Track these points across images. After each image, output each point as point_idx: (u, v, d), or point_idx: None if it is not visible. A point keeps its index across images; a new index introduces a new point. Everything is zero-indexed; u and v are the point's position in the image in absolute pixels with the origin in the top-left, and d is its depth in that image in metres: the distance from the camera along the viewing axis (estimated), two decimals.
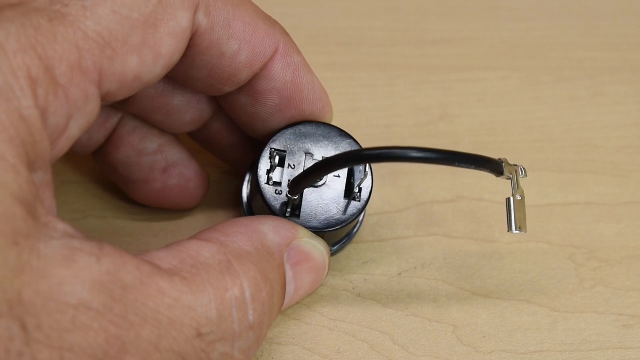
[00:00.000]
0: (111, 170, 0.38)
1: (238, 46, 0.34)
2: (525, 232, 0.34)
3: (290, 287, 0.34)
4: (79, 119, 0.29)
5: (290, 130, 0.36)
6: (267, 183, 0.35)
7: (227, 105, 0.37)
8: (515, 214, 0.34)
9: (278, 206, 0.35)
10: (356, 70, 0.46)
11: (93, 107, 0.30)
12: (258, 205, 0.37)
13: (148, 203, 0.39)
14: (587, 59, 0.47)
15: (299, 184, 0.35)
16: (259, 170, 0.36)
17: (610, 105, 0.45)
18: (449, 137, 0.44)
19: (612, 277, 0.39)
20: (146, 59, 0.30)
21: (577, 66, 0.47)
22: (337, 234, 0.37)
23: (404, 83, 0.46)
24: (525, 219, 0.34)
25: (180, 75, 0.35)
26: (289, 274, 0.34)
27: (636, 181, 0.42)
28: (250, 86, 0.35)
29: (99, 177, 0.40)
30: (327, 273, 0.36)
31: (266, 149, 0.36)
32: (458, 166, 0.33)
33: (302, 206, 0.35)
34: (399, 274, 0.38)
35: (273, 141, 0.36)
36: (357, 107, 0.44)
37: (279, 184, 0.35)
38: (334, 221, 0.35)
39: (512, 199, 0.34)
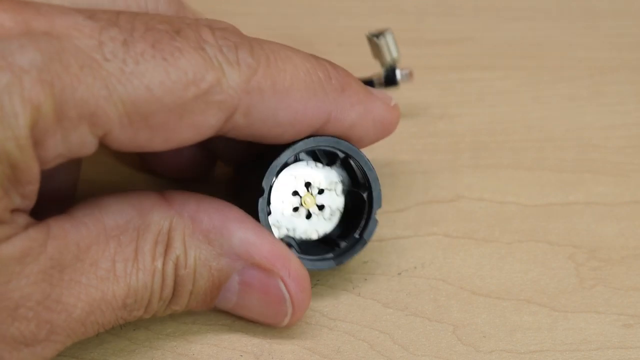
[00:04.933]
0: None
1: (282, 130, 0.33)
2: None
3: (232, 296, 0.34)
4: (70, 155, 0.30)
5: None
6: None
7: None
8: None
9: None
10: (356, 70, 0.46)
11: (87, 152, 0.30)
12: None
13: (160, 170, 0.40)
14: (587, 59, 0.47)
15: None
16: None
17: (610, 105, 0.45)
18: (449, 137, 0.43)
19: (612, 276, 0.39)
20: (156, 139, 0.30)
21: (577, 66, 0.47)
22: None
23: (403, 83, 0.45)
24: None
25: None
26: (235, 282, 0.33)
27: (636, 181, 0.42)
28: None
29: (100, 175, 0.40)
30: (290, 316, 0.35)
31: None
32: None
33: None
34: (399, 274, 0.38)
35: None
36: None
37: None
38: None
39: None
